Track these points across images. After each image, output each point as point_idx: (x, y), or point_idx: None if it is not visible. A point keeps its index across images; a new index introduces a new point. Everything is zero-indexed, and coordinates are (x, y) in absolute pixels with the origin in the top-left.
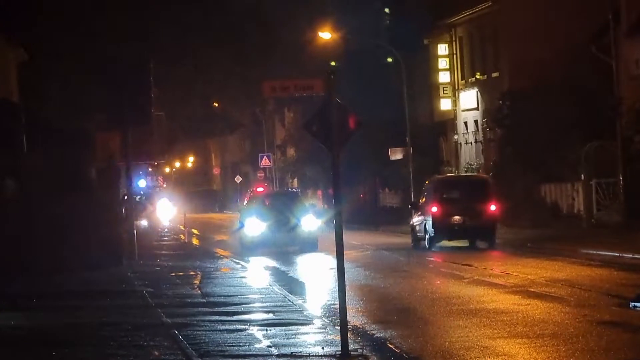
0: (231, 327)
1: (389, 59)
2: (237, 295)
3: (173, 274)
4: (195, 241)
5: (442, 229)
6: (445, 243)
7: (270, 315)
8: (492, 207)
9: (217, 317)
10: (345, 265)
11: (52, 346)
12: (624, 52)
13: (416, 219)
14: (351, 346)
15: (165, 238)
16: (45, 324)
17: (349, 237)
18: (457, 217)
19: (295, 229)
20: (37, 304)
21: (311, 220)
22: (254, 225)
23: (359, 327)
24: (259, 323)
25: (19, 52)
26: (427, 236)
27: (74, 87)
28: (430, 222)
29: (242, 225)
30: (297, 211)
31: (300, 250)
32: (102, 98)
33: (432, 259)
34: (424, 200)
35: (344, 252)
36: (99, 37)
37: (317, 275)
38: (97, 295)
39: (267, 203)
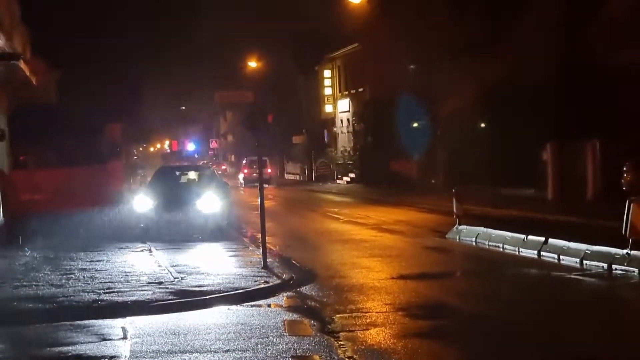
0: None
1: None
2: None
3: None
4: None
5: (247, 180)
6: None
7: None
8: (269, 170)
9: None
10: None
11: (70, 250)
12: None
13: (240, 176)
14: (268, 260)
15: None
16: (64, 246)
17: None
18: (254, 174)
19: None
20: (64, 232)
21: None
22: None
23: (274, 250)
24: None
25: (56, 72)
26: (241, 183)
27: (92, 94)
28: (242, 176)
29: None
30: (198, 189)
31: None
32: (110, 101)
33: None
34: (242, 166)
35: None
36: (106, 60)
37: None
38: (107, 226)
39: (169, 179)
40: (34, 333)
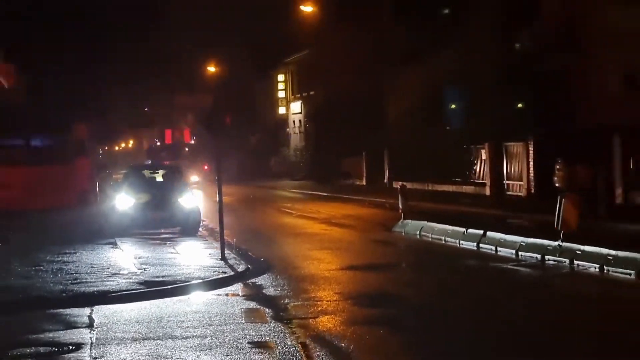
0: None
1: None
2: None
3: None
4: None
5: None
6: None
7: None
8: (205, 167)
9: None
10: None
11: (39, 245)
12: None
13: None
14: (226, 252)
15: None
16: (33, 241)
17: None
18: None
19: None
20: (33, 228)
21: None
22: (124, 202)
23: (231, 243)
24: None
25: (24, 77)
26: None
27: (61, 96)
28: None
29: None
30: (177, 187)
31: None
32: (77, 102)
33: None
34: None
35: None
36: (71, 63)
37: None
38: (76, 222)
39: (143, 177)
40: (4, 321)
